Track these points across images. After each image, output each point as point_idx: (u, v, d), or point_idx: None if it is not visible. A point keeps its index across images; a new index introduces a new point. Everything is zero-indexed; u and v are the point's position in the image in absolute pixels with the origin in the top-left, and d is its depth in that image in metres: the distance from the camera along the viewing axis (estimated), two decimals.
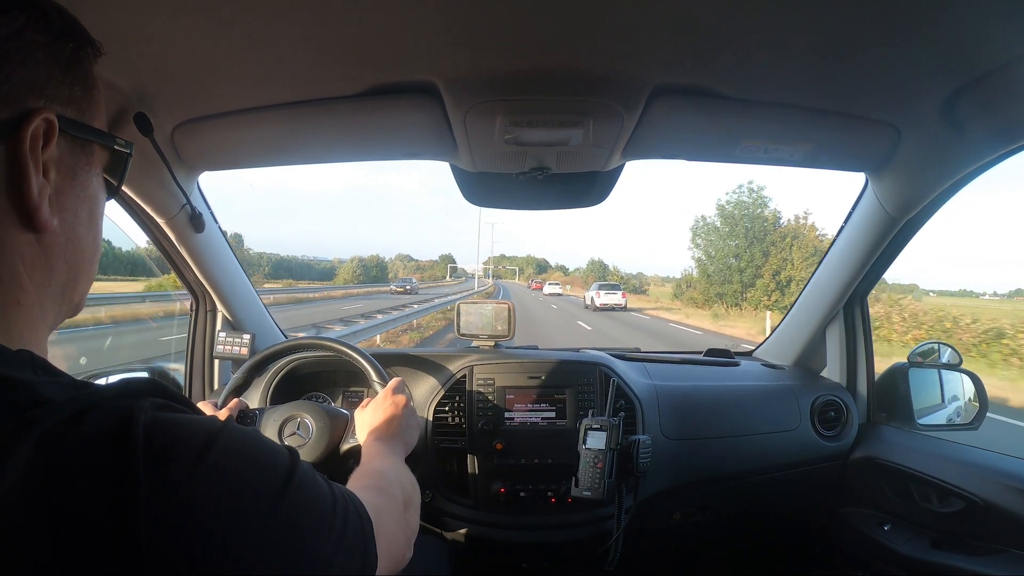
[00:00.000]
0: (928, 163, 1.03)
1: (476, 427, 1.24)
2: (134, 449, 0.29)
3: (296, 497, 0.35)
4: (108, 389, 0.33)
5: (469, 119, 0.92)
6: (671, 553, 1.45)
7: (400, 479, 0.66)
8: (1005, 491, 1.04)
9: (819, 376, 1.51)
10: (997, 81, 0.77)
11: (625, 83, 0.84)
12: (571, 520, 1.23)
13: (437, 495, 1.24)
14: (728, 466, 1.33)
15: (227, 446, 0.32)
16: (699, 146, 1.09)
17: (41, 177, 0.36)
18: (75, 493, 0.27)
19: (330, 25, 0.70)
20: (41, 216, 0.36)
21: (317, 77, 0.85)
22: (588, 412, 1.22)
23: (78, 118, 0.39)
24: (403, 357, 1.36)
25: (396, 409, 0.85)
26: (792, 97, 0.90)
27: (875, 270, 1.32)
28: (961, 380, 1.38)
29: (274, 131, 1.00)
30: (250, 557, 0.31)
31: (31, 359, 0.34)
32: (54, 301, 0.40)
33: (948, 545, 1.14)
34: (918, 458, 1.22)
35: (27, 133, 0.34)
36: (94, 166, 0.41)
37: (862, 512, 1.33)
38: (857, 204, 1.25)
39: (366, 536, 0.42)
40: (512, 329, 1.36)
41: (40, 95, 0.36)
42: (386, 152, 1.13)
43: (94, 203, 0.42)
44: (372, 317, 12.68)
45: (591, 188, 1.24)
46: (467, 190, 1.27)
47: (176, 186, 1.06)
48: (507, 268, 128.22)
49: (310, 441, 0.95)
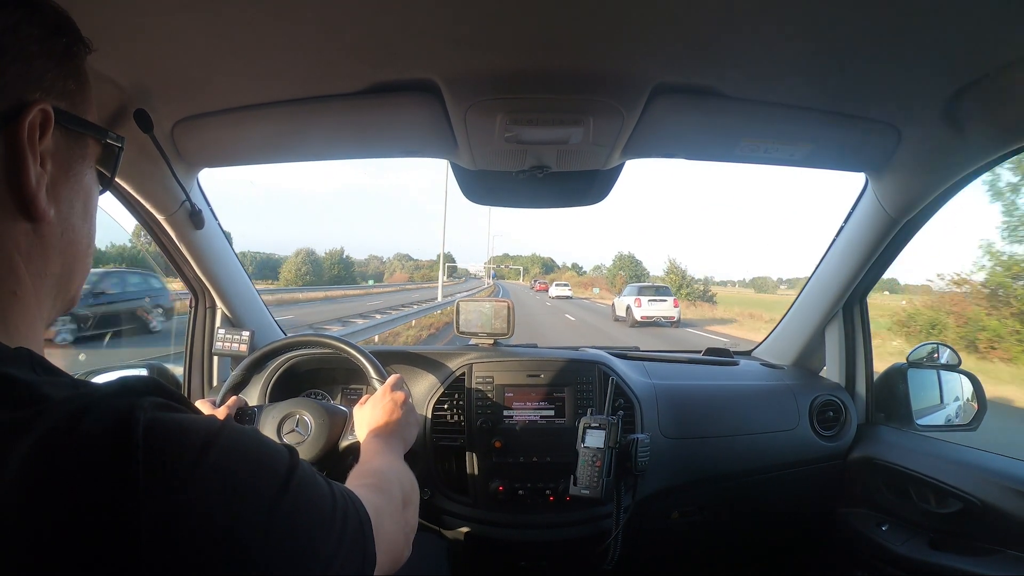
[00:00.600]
0: (928, 164, 1.03)
1: (475, 425, 1.24)
2: (133, 449, 0.28)
3: (296, 497, 0.35)
4: (107, 388, 0.33)
5: (469, 117, 0.92)
6: (669, 552, 1.45)
7: (399, 477, 0.67)
8: (1003, 492, 1.04)
9: (818, 376, 1.51)
10: (997, 82, 0.77)
11: (625, 82, 0.84)
12: (570, 519, 1.23)
13: (436, 493, 1.24)
14: (727, 465, 1.33)
15: (227, 446, 0.32)
16: (699, 145, 1.09)
17: (38, 167, 0.36)
18: (74, 493, 0.27)
19: (331, 23, 0.70)
20: (39, 205, 0.36)
21: (317, 74, 0.85)
22: (587, 411, 1.22)
23: (72, 111, 0.39)
24: (402, 355, 1.36)
25: (395, 406, 0.85)
26: (792, 97, 0.90)
27: (874, 270, 1.32)
28: (960, 381, 1.38)
29: (274, 128, 1.00)
30: (250, 555, 0.31)
31: (30, 357, 0.34)
32: (50, 293, 0.40)
33: (946, 545, 1.14)
34: (916, 459, 1.22)
35: (25, 123, 0.35)
36: (88, 159, 0.42)
37: (860, 512, 1.33)
38: (857, 204, 1.25)
39: (365, 535, 0.42)
40: (511, 327, 1.36)
41: (36, 88, 0.36)
42: (386, 150, 1.12)
43: (88, 195, 0.43)
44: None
45: (591, 187, 1.24)
46: (467, 188, 1.27)
47: (176, 183, 1.06)
48: (511, 268, 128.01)
49: (309, 438, 0.95)
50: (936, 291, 12.49)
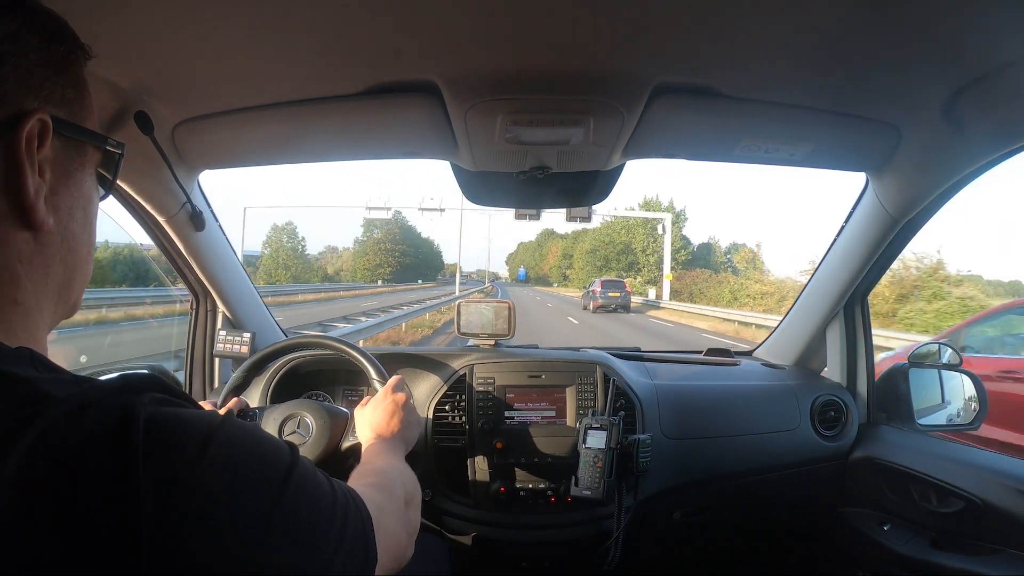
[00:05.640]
0: (928, 163, 1.03)
1: (476, 426, 1.24)
2: (134, 444, 0.29)
3: (296, 492, 0.35)
4: (108, 384, 0.33)
5: (469, 118, 0.92)
6: (671, 553, 1.45)
7: (401, 476, 0.67)
8: (1004, 491, 1.04)
9: (819, 376, 1.51)
10: (998, 81, 0.77)
11: (626, 82, 0.84)
12: (571, 519, 1.23)
13: (437, 494, 1.24)
14: (728, 466, 1.33)
15: (227, 440, 0.32)
16: (699, 145, 1.09)
17: (37, 176, 0.36)
18: (76, 489, 0.27)
19: (331, 24, 0.70)
20: (38, 214, 0.36)
21: (318, 76, 0.85)
22: (588, 411, 1.22)
23: (71, 119, 0.40)
24: (403, 356, 1.36)
25: (396, 407, 0.85)
26: (792, 97, 0.90)
27: (875, 270, 1.32)
28: (961, 380, 1.38)
29: (275, 130, 1.00)
30: (250, 552, 0.31)
31: (31, 356, 0.34)
32: (51, 300, 0.40)
33: (947, 545, 1.14)
34: (918, 458, 1.22)
35: (23, 133, 0.35)
36: (87, 166, 0.42)
37: (862, 512, 1.33)
38: (857, 204, 1.25)
39: (366, 533, 0.42)
40: (512, 328, 1.36)
41: (35, 96, 0.37)
42: (386, 151, 1.13)
43: (88, 203, 0.43)
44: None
45: (591, 187, 1.24)
46: (467, 189, 1.27)
47: (177, 185, 1.06)
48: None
49: (310, 440, 0.95)
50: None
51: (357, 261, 76.41)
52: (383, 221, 68.14)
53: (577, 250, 63.91)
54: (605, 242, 52.83)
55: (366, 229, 77.05)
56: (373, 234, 76.34)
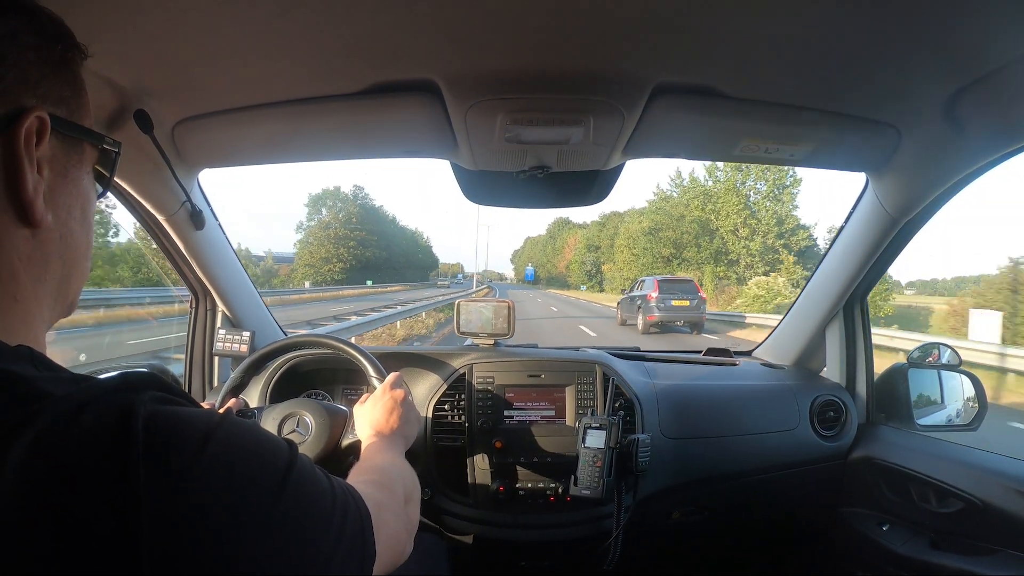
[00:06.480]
0: (928, 164, 1.03)
1: (475, 425, 1.24)
2: (134, 442, 0.29)
3: (296, 490, 0.35)
4: (107, 383, 0.33)
5: (469, 117, 0.92)
6: (670, 552, 1.45)
7: (401, 474, 0.67)
8: (1003, 492, 1.04)
9: (818, 376, 1.51)
10: (998, 82, 0.77)
11: (626, 82, 0.84)
12: (570, 519, 1.23)
13: (436, 493, 1.24)
14: (727, 466, 1.33)
15: (226, 438, 0.33)
16: (700, 145, 1.09)
17: (35, 173, 0.37)
18: (75, 487, 0.27)
19: (331, 23, 0.70)
20: (36, 211, 0.37)
21: (318, 75, 0.85)
22: (587, 411, 1.22)
23: (68, 117, 0.40)
24: (402, 355, 1.36)
25: (395, 404, 0.85)
26: (792, 97, 0.90)
27: (875, 270, 1.32)
28: (960, 381, 1.38)
29: (275, 128, 1.00)
30: (250, 549, 0.31)
31: (31, 354, 0.34)
32: (49, 298, 0.40)
33: (946, 545, 1.14)
34: (917, 458, 1.22)
35: (21, 130, 0.35)
36: (85, 164, 0.43)
37: (861, 512, 1.33)
38: (857, 204, 1.25)
39: (365, 530, 0.42)
40: (512, 327, 1.36)
41: (33, 94, 0.37)
42: (386, 150, 1.13)
43: (86, 200, 0.43)
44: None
45: (591, 187, 1.24)
46: (467, 188, 1.27)
47: (176, 183, 1.06)
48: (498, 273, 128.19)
49: (309, 438, 0.95)
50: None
51: (298, 257, 54.28)
52: (335, 196, 48.94)
53: (622, 234, 42.47)
54: (671, 220, 32.74)
55: (311, 210, 54.53)
56: (321, 216, 53.99)
